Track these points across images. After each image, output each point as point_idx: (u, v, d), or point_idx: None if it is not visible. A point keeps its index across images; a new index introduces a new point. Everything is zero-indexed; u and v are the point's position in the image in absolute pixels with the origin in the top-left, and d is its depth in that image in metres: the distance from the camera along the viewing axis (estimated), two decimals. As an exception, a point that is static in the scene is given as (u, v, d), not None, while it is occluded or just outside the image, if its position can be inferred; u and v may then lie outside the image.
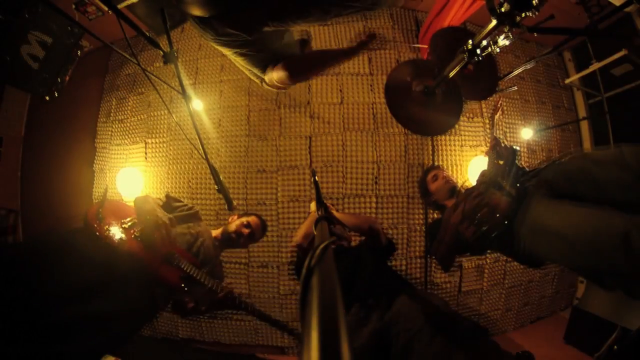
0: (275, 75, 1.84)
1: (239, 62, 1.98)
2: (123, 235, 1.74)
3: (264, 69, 1.98)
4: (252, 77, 2.12)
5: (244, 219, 2.33)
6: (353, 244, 2.46)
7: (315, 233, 0.69)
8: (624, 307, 2.77)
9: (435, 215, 3.29)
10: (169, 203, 2.22)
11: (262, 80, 2.04)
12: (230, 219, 2.41)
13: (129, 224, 1.80)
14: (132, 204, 2.01)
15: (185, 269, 1.84)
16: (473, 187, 2.06)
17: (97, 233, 1.69)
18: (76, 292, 1.47)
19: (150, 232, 1.77)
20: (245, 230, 2.26)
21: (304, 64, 1.91)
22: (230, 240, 2.28)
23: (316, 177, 1.27)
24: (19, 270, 1.45)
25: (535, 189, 1.66)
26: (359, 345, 1.03)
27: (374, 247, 2.06)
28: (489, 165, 2.28)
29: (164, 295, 1.90)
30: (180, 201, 2.30)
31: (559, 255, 1.44)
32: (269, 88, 2.06)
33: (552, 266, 3.82)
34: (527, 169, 1.88)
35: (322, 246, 0.48)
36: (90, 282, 1.54)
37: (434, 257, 2.14)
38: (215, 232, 2.30)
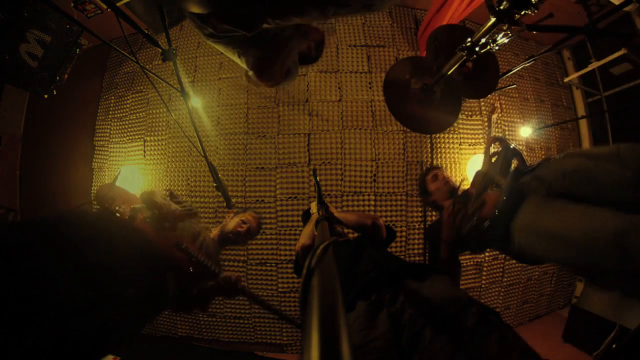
0: (251, 78, 1.81)
1: (237, 60, 1.97)
2: (133, 215, 1.72)
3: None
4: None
5: (241, 216, 2.33)
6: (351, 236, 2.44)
7: (316, 233, 0.69)
8: (622, 305, 2.77)
9: (434, 215, 3.29)
10: (171, 200, 2.22)
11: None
12: (227, 217, 2.41)
13: (138, 207, 1.78)
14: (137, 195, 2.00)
15: (193, 253, 1.82)
16: (469, 189, 2.06)
17: (110, 210, 1.67)
18: (93, 273, 1.44)
19: (159, 221, 1.76)
20: (243, 226, 2.27)
21: (270, 60, 1.88)
22: (227, 239, 2.28)
23: (317, 177, 1.26)
24: (33, 251, 1.42)
25: (532, 189, 1.66)
26: (381, 332, 1.00)
27: (374, 240, 2.03)
28: (484, 164, 2.27)
29: (175, 280, 1.88)
30: (181, 201, 2.29)
31: (553, 253, 1.43)
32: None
33: (550, 264, 3.84)
34: (523, 167, 1.88)
35: (322, 246, 0.48)
36: (103, 262, 1.51)
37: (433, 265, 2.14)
38: (213, 233, 2.30)
